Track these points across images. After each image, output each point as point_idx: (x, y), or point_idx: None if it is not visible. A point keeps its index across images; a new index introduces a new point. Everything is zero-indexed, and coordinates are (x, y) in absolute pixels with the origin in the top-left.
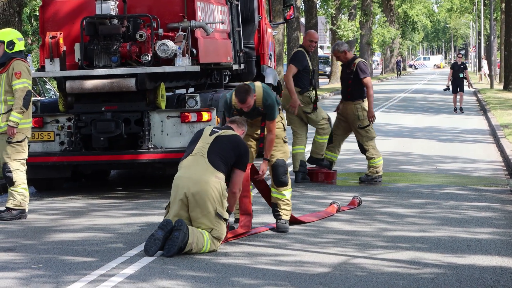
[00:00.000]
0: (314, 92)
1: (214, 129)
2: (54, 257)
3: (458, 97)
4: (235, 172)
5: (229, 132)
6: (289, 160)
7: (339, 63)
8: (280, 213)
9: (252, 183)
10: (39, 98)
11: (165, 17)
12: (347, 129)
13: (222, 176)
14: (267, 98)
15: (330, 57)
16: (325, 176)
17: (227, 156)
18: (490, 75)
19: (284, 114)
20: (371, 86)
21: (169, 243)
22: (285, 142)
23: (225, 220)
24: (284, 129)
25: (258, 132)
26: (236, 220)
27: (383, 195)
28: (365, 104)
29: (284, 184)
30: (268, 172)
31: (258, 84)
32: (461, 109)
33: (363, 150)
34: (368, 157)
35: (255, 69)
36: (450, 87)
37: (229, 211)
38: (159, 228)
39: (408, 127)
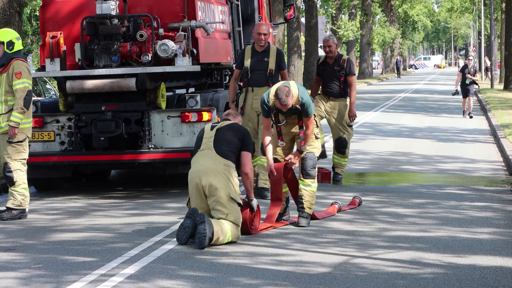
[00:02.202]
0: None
1: (213, 124)
2: (54, 257)
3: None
4: (242, 154)
5: (226, 122)
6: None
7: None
8: (304, 204)
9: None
10: (38, 98)
11: (166, 17)
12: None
13: (231, 163)
14: (303, 96)
15: None
16: (322, 176)
17: (232, 143)
18: (491, 75)
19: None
20: (355, 84)
21: (198, 236)
22: (316, 138)
23: (239, 204)
24: (317, 126)
25: (294, 130)
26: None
27: (383, 195)
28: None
29: (311, 177)
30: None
31: (292, 83)
32: (469, 114)
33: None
34: (345, 156)
35: None
36: (459, 90)
37: (249, 197)
38: (187, 217)
39: (408, 127)
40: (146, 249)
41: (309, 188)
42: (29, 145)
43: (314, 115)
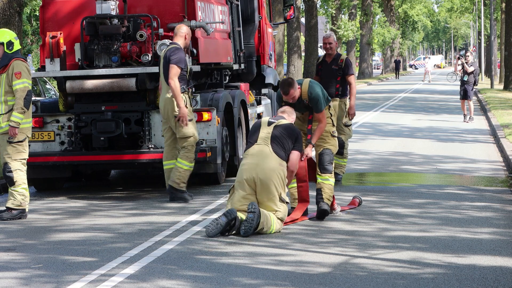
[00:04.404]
0: (191, 94)
1: (270, 120)
2: (54, 257)
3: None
4: (292, 152)
5: (284, 121)
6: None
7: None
8: (323, 196)
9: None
10: (38, 98)
11: (165, 17)
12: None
13: (284, 163)
14: (311, 91)
15: None
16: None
17: (286, 143)
18: (490, 75)
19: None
20: (355, 83)
21: (245, 224)
22: (333, 136)
23: (287, 203)
24: (333, 125)
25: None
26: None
27: (383, 195)
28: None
29: (328, 171)
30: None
31: (306, 79)
32: (470, 118)
33: None
34: (344, 156)
35: (255, 69)
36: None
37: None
38: (224, 215)
39: (408, 127)
40: (146, 249)
41: (327, 182)
42: (29, 145)
43: (331, 114)
